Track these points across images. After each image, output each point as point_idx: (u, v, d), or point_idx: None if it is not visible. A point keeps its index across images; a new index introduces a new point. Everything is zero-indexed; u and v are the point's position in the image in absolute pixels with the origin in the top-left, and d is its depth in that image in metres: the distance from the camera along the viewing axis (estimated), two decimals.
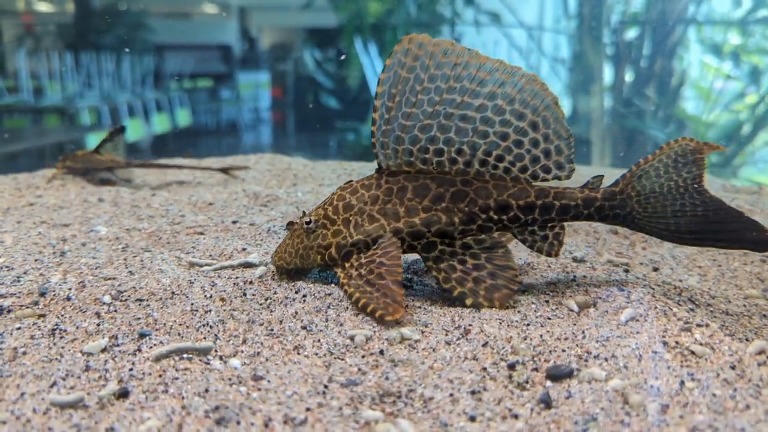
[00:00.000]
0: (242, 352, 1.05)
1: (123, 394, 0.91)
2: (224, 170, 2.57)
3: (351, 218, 1.28)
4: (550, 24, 5.59)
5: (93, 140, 5.33)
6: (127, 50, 6.28)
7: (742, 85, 4.85)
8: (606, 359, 0.96)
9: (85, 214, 2.00)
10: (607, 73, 4.97)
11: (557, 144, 1.22)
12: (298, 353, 1.04)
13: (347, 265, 1.26)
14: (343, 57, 6.09)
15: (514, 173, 1.24)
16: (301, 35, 7.58)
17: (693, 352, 0.99)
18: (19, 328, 1.11)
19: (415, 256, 1.47)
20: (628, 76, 4.98)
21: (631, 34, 5.00)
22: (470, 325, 1.09)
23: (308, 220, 1.32)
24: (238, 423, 0.83)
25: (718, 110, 4.85)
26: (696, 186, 1.23)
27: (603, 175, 1.27)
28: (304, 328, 1.12)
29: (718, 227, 1.22)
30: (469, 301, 1.19)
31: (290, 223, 1.38)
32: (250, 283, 1.32)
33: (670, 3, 4.92)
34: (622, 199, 1.23)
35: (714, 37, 4.85)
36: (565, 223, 1.28)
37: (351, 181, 1.33)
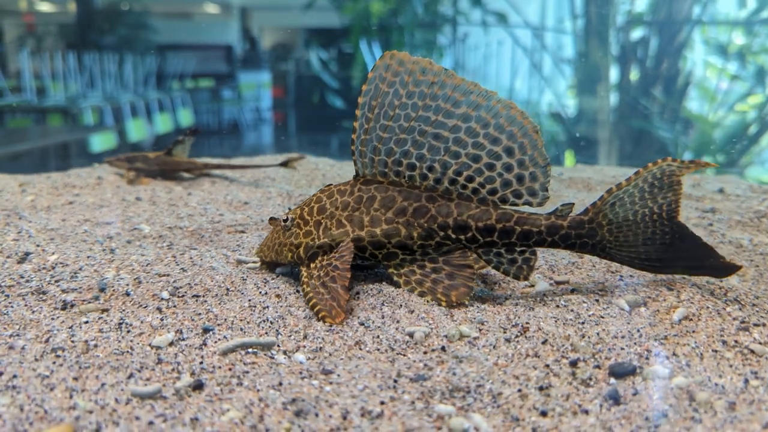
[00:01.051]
0: (304, 347, 1.08)
1: (198, 386, 0.94)
2: (284, 164, 2.51)
3: (322, 221, 1.33)
4: (556, 24, 5.61)
5: (97, 140, 5.34)
6: (129, 50, 6.31)
7: (748, 86, 4.86)
8: (667, 357, 0.99)
9: (125, 212, 2.03)
10: (613, 73, 4.98)
11: (532, 171, 1.24)
12: (360, 348, 1.07)
13: (312, 265, 1.30)
14: (346, 56, 6.10)
15: (483, 195, 1.26)
16: (302, 35, 7.60)
17: (753, 351, 1.01)
18: (87, 322, 1.14)
19: None
20: (634, 76, 4.99)
21: (637, 34, 5.01)
22: (527, 323, 1.11)
23: (285, 218, 1.38)
24: (317, 415, 0.86)
25: (723, 110, 4.85)
26: (671, 213, 1.25)
27: (573, 203, 1.28)
28: (361, 324, 1.15)
29: (685, 254, 1.25)
30: (428, 299, 1.24)
31: (272, 219, 1.44)
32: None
33: (676, 3, 4.93)
34: (591, 228, 1.24)
35: (719, 37, 4.86)
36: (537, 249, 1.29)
37: (331, 184, 1.38)
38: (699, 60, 4.95)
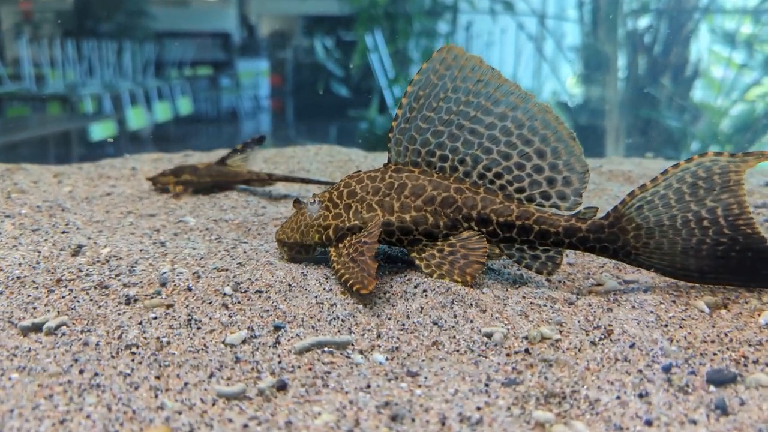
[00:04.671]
0: (379, 346, 1.05)
1: (282, 387, 0.92)
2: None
3: (352, 205, 1.36)
4: (563, 12, 5.55)
5: (96, 129, 5.30)
6: (127, 38, 6.26)
7: (756, 75, 4.80)
8: (767, 365, 0.95)
9: (166, 204, 2.01)
10: (621, 62, 4.93)
11: (566, 176, 1.26)
12: (438, 349, 1.04)
13: (340, 245, 1.32)
14: (349, 44, 6.05)
15: (509, 192, 1.29)
16: (300, 23, 7.55)
17: None
18: (156, 318, 1.11)
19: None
20: (642, 65, 4.94)
21: (644, 22, 4.95)
22: (610, 325, 1.08)
23: (313, 200, 1.40)
24: (413, 420, 0.83)
25: (731, 100, 4.80)
26: (732, 220, 1.15)
27: (597, 208, 1.27)
28: (434, 323, 1.12)
29: (743, 268, 1.17)
30: (446, 280, 1.25)
31: (296, 201, 1.47)
32: None
33: None
34: (612, 233, 1.21)
35: (726, 26, 4.80)
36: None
37: (359, 171, 1.41)
38: (708, 49, 4.90)
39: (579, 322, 1.11)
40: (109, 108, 6.02)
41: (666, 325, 1.08)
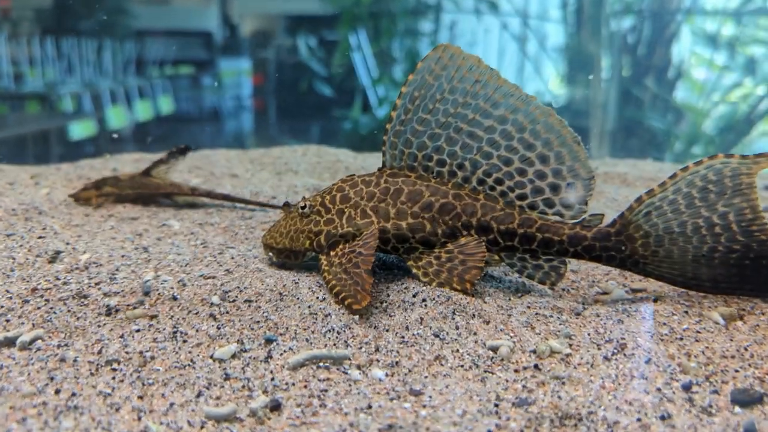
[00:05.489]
0: (378, 361, 0.99)
1: (275, 407, 0.85)
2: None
3: (345, 210, 1.29)
4: (546, 12, 5.53)
5: (76, 128, 5.21)
6: (108, 36, 6.16)
7: (737, 77, 4.81)
8: None
9: (149, 207, 1.93)
10: (605, 63, 4.92)
11: (571, 182, 1.20)
12: (441, 364, 0.98)
13: (332, 253, 1.26)
14: (332, 43, 6.00)
15: (510, 198, 1.23)
16: (282, 22, 7.50)
17: None
18: (138, 330, 1.04)
19: None
20: (626, 66, 4.93)
21: (628, 23, 4.95)
22: (622, 338, 1.02)
23: (304, 204, 1.33)
24: None
25: (713, 101, 4.80)
26: (745, 226, 1.10)
27: (603, 215, 1.21)
28: (436, 336, 1.05)
29: (761, 277, 1.11)
30: (446, 289, 1.19)
31: (285, 204, 1.39)
32: None
33: None
34: (619, 241, 1.15)
35: (708, 27, 4.81)
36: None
37: (353, 175, 1.34)
38: (690, 50, 4.90)
39: (589, 334, 1.05)
40: (89, 107, 5.90)
41: (681, 339, 1.03)
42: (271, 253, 1.37)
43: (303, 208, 1.33)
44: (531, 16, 5.58)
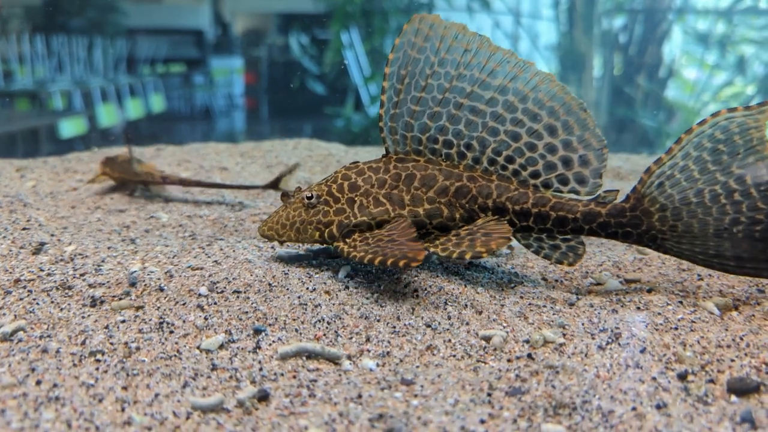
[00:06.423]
0: (369, 351, 0.97)
1: (263, 397, 0.83)
2: (275, 185, 1.90)
3: (356, 199, 1.24)
4: (538, 11, 5.52)
5: (66, 126, 5.18)
6: (98, 34, 6.12)
7: (728, 76, 4.82)
8: None
9: (136, 199, 1.90)
10: (597, 61, 4.92)
11: (583, 154, 1.15)
12: (433, 354, 0.96)
13: (348, 240, 1.21)
14: (324, 41, 5.97)
15: (523, 177, 1.18)
16: (274, 21, 7.46)
17: None
18: (124, 321, 1.01)
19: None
20: (617, 64, 4.93)
21: (620, 22, 4.96)
22: (617, 327, 1.01)
23: (309, 194, 1.26)
24: None
25: (704, 100, 4.81)
26: (765, 189, 1.01)
27: (618, 190, 1.16)
28: (427, 326, 1.04)
29: None
30: (468, 255, 1.09)
31: (284, 195, 1.32)
32: (348, 275, 1.23)
33: None
34: (635, 216, 1.10)
35: (699, 27, 4.82)
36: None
37: (357, 162, 1.29)
38: (682, 49, 4.91)
39: (583, 324, 1.03)
40: (79, 104, 5.85)
41: (676, 328, 1.01)
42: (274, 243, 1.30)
43: (309, 198, 1.26)
44: (523, 15, 5.57)
